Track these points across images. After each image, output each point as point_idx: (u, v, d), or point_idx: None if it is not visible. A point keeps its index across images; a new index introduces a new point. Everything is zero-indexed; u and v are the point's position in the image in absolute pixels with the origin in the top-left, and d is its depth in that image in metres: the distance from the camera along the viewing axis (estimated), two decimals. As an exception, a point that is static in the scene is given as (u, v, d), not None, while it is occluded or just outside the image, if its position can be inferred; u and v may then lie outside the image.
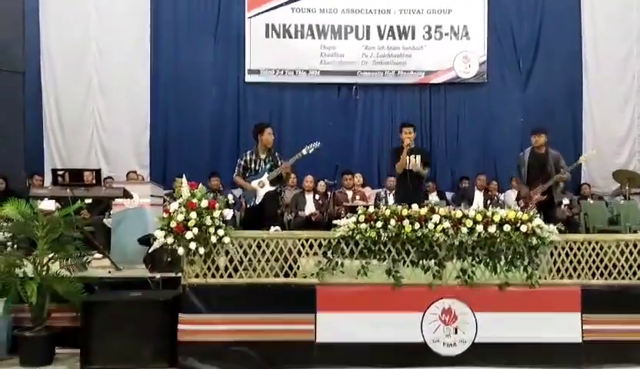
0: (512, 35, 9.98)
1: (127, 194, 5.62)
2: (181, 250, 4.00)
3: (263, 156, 6.15)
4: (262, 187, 6.04)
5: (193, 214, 3.93)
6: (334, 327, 4.07)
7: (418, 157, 6.28)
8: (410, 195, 5.73)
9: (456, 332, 4.10)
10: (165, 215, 4.04)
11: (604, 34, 9.87)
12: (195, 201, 4.00)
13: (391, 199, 8.61)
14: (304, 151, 6.17)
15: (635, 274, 4.19)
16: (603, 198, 9.27)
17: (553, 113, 9.72)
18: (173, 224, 3.95)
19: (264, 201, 6.02)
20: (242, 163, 6.18)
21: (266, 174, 6.07)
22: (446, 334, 4.10)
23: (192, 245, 3.95)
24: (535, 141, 6.45)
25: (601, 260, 4.20)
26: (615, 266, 4.20)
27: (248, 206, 6.20)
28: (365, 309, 4.11)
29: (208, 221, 3.96)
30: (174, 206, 4.02)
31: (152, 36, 9.74)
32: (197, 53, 9.76)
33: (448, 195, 9.34)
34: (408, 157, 6.16)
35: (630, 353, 4.11)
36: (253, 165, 6.15)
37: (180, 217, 3.95)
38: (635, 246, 4.22)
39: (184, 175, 4.23)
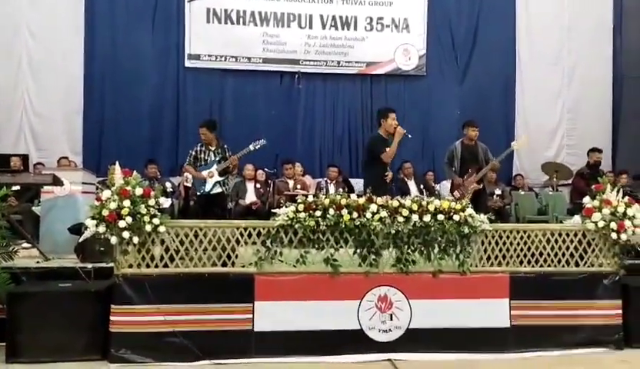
0: (451, 30, 10.25)
1: (57, 181, 5.39)
2: (113, 240, 3.88)
3: (212, 148, 6.59)
4: (211, 177, 6.50)
5: (126, 202, 3.82)
6: (272, 315, 4.08)
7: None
8: (389, 187, 5.77)
9: (391, 318, 4.19)
10: (97, 203, 3.91)
11: (537, 31, 10.29)
12: (128, 188, 3.88)
13: (332, 188, 8.71)
14: (251, 147, 6.57)
15: (559, 261, 4.41)
16: (533, 189, 9.69)
17: (488, 106, 10.05)
18: (105, 213, 3.82)
19: (216, 199, 6.54)
20: (193, 153, 6.64)
21: (215, 166, 6.51)
22: (382, 320, 4.18)
23: (126, 234, 3.84)
24: (469, 134, 6.64)
25: (529, 249, 4.39)
26: (541, 254, 4.40)
27: (198, 194, 6.66)
28: (303, 297, 4.13)
29: (143, 210, 3.86)
30: (106, 194, 3.89)
31: (87, 18, 9.36)
32: (135, 36, 9.45)
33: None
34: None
35: (554, 336, 4.31)
36: (203, 156, 6.59)
37: (113, 206, 3.83)
38: (560, 235, 4.44)
39: (117, 162, 4.10)
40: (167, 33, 9.60)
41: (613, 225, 4.34)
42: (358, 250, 4.21)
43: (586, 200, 4.56)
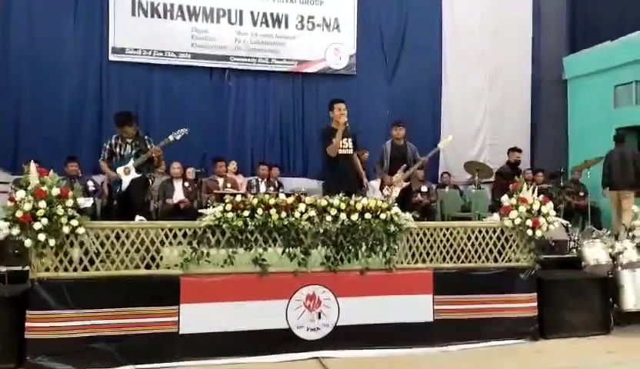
0: (380, 31, 10.41)
1: (-34, 180, 5.05)
2: (28, 242, 3.69)
3: (130, 140, 5.88)
4: (128, 174, 5.78)
5: (42, 204, 3.65)
6: (198, 317, 4.02)
7: (350, 140, 5.83)
8: (343, 181, 5.52)
9: (320, 317, 4.24)
10: (10, 204, 3.70)
11: (461, 35, 10.65)
12: (44, 188, 3.70)
13: (263, 186, 8.68)
14: (170, 138, 5.95)
15: (479, 257, 4.61)
16: (458, 187, 10.05)
17: (416, 106, 10.30)
18: (19, 214, 3.63)
19: (130, 189, 5.76)
20: (108, 147, 5.90)
21: (132, 161, 5.81)
22: (310, 319, 4.21)
23: (41, 237, 3.67)
24: (396, 133, 6.81)
25: (451, 246, 4.56)
26: (462, 250, 4.58)
27: (115, 193, 5.91)
28: (230, 298, 4.10)
29: (60, 211, 3.70)
30: (20, 194, 3.69)
31: (1, 6, 8.79)
32: (55, 29, 8.94)
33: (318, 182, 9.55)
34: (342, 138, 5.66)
35: (475, 330, 4.51)
36: (119, 150, 5.88)
37: (27, 207, 3.64)
38: (480, 232, 4.64)
39: (32, 161, 3.89)
40: (90, 25, 9.16)
41: (529, 222, 4.58)
42: (287, 250, 4.21)
43: (504, 198, 4.78)
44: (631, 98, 9.68)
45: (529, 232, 4.59)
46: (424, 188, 8.74)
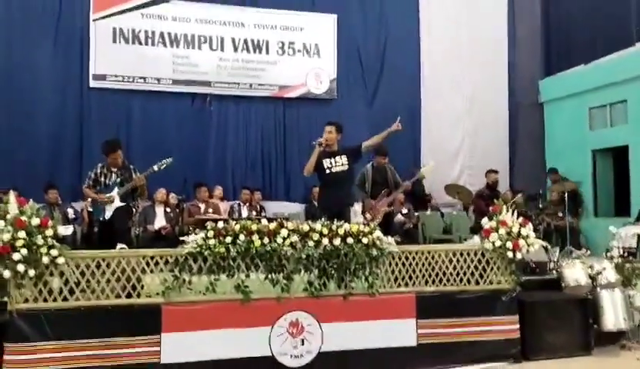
0: (359, 56, 10.57)
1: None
2: (7, 274, 3.63)
3: (115, 169, 5.95)
4: (112, 202, 5.83)
5: (22, 234, 3.60)
6: (180, 346, 3.97)
7: (343, 157, 5.80)
8: (334, 200, 5.55)
9: (303, 343, 4.21)
10: (-12, 234, 3.64)
11: (439, 59, 10.84)
12: (24, 218, 3.65)
13: (245, 211, 8.66)
14: (155, 167, 6.00)
15: (461, 280, 4.64)
16: (439, 209, 10.12)
17: (396, 129, 10.40)
18: (-3, 245, 3.57)
19: (113, 217, 5.80)
20: (93, 176, 5.97)
21: (116, 189, 5.87)
22: (293, 345, 4.19)
23: (20, 267, 3.62)
24: (377, 161, 6.89)
25: (433, 269, 4.58)
26: (444, 273, 4.61)
27: (97, 220, 5.98)
28: (212, 326, 4.06)
29: (40, 241, 3.65)
30: (-2, 224, 3.64)
31: (-20, 35, 8.77)
32: (33, 55, 8.90)
33: (300, 206, 9.57)
34: (326, 158, 5.69)
35: (458, 353, 4.52)
36: (103, 179, 5.95)
37: (6, 237, 3.59)
38: (462, 255, 4.67)
39: (11, 190, 3.85)
40: (70, 51, 9.15)
41: (509, 244, 4.63)
42: (270, 276, 4.20)
43: (484, 221, 4.83)
44: (605, 121, 9.92)
45: (510, 254, 4.63)
46: (404, 210, 8.80)
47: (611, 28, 9.80)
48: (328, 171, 5.72)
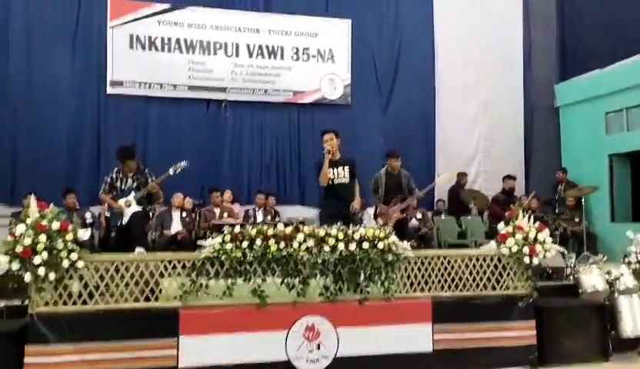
0: (374, 61, 10.61)
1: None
2: (28, 277, 3.69)
3: (131, 174, 6.00)
4: (129, 206, 5.91)
5: (42, 237, 3.66)
6: (198, 350, 4.00)
7: (346, 168, 5.81)
8: (339, 209, 5.56)
9: (319, 348, 4.21)
10: (10, 238, 3.71)
11: (454, 64, 10.82)
12: (44, 222, 3.71)
13: (260, 215, 8.70)
14: (170, 171, 6.03)
15: (477, 285, 4.61)
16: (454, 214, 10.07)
17: (410, 134, 10.44)
18: (19, 249, 3.63)
19: (130, 222, 5.87)
20: (109, 180, 6.03)
21: (132, 194, 5.94)
22: (309, 350, 4.19)
23: (41, 271, 3.67)
24: (390, 164, 6.85)
25: (449, 274, 4.57)
26: (460, 279, 4.59)
27: (115, 226, 6.01)
28: (229, 330, 4.08)
29: (60, 245, 3.70)
30: (20, 229, 3.70)
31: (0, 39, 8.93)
32: (52, 62, 9.07)
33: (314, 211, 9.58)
34: (330, 167, 5.69)
35: (474, 359, 4.48)
36: (119, 184, 6.01)
37: (27, 241, 3.65)
38: (477, 260, 4.65)
39: (32, 194, 3.92)
40: (88, 58, 9.31)
41: (525, 250, 4.60)
42: (286, 280, 4.21)
43: (500, 226, 4.81)
44: (622, 125, 9.83)
45: (526, 259, 4.61)
46: (418, 215, 8.79)
47: (627, 32, 9.71)
48: (331, 182, 5.76)
